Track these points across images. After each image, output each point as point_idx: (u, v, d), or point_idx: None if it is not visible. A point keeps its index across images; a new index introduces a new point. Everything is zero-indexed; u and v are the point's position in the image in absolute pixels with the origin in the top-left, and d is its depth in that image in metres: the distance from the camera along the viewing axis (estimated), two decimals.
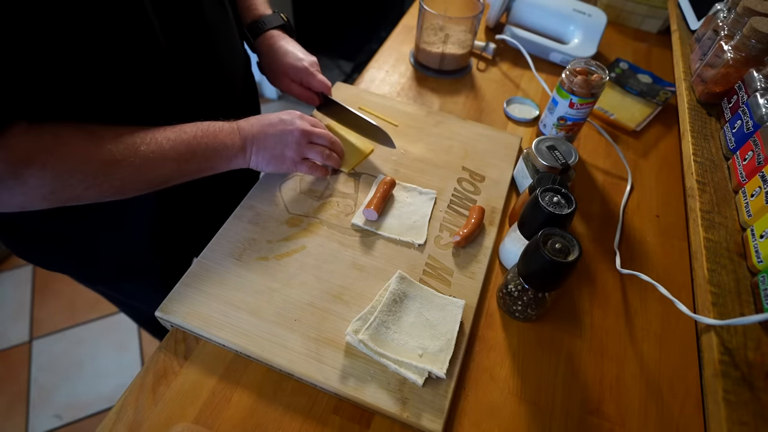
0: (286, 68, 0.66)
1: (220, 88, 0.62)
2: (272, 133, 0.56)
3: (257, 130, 0.56)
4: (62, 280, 1.49)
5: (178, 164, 0.50)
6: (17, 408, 1.24)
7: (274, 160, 0.57)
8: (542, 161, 0.60)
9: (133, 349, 1.38)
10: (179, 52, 0.52)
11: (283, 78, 0.68)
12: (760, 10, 0.67)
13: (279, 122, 0.57)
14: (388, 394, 0.45)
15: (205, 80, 0.58)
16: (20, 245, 0.62)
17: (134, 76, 0.48)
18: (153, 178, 0.49)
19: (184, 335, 0.50)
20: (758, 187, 0.55)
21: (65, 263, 0.66)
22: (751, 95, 0.63)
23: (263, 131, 0.56)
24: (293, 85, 0.68)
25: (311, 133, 0.59)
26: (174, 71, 0.52)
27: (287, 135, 0.57)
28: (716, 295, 0.50)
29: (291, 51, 0.67)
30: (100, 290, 0.81)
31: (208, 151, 0.52)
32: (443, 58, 0.85)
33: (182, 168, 0.51)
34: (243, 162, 0.56)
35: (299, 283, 0.53)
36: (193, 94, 0.56)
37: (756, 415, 0.42)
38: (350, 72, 2.10)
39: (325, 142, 0.60)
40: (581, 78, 0.65)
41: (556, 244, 0.46)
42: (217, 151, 0.53)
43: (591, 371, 0.51)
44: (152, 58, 0.49)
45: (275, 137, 0.57)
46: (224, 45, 0.60)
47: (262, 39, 0.68)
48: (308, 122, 0.60)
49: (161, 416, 0.44)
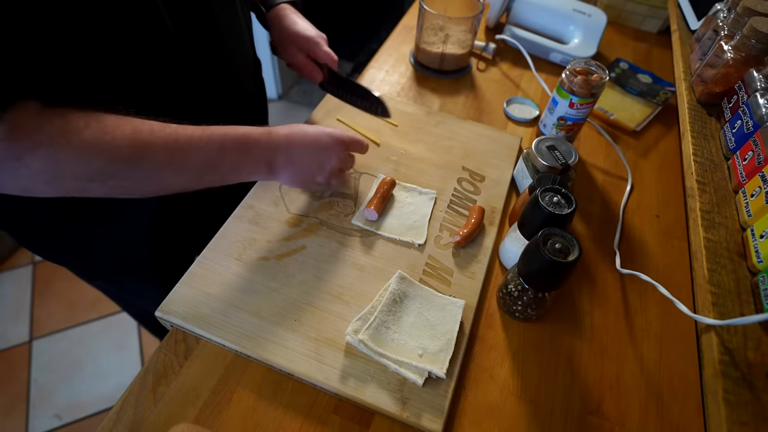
0: (294, 36, 0.66)
1: (227, 84, 0.62)
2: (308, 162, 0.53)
3: (294, 154, 0.52)
4: (62, 280, 1.49)
5: (198, 174, 0.47)
6: (17, 408, 1.24)
7: (300, 183, 0.55)
8: (542, 161, 0.60)
9: (133, 349, 1.38)
10: (187, 45, 0.52)
11: (290, 46, 0.67)
12: (760, 10, 0.67)
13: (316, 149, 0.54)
14: (388, 394, 0.45)
15: (212, 74, 0.58)
16: (22, 235, 0.63)
17: (142, 66, 0.48)
18: (167, 185, 0.46)
19: (184, 335, 0.50)
20: (758, 187, 0.55)
21: (65, 256, 0.67)
22: (751, 95, 0.63)
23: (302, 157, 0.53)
24: (299, 54, 0.67)
25: (344, 164, 0.57)
26: (182, 63, 0.52)
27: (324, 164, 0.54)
28: (716, 295, 0.50)
29: (300, 23, 0.67)
30: (100, 286, 0.81)
31: (232, 166, 0.48)
32: (443, 58, 0.85)
33: (201, 178, 0.47)
34: (267, 178, 0.53)
35: (299, 283, 0.53)
36: (199, 88, 0.56)
37: (756, 415, 0.42)
38: (350, 72, 2.10)
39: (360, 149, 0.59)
40: (581, 78, 0.65)
41: (556, 244, 0.46)
42: (243, 168, 0.49)
43: (591, 371, 0.51)
44: (161, 48, 0.49)
45: (311, 165, 0.54)
46: (232, 41, 0.60)
47: (273, 12, 0.68)
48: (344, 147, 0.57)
49: (161, 416, 0.44)
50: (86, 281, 0.78)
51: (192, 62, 0.54)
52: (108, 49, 0.43)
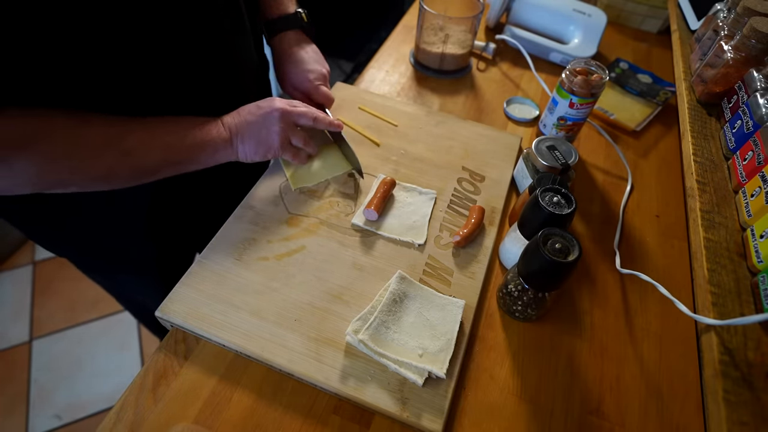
0: (292, 77, 0.67)
1: (229, 88, 0.61)
2: (253, 120, 0.55)
3: (239, 120, 0.55)
4: (62, 280, 1.49)
5: (164, 154, 0.50)
6: (17, 408, 1.24)
7: (260, 145, 0.56)
8: (542, 161, 0.60)
9: (133, 349, 1.38)
10: (189, 47, 0.52)
11: (287, 86, 0.68)
12: (760, 10, 0.67)
13: (257, 108, 0.56)
14: (388, 394, 0.45)
15: (213, 78, 0.58)
16: (25, 226, 0.63)
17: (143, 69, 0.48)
18: (140, 167, 0.49)
19: (184, 335, 0.50)
20: (758, 187, 0.55)
21: (65, 248, 0.67)
22: (751, 95, 0.63)
23: (244, 119, 0.55)
24: (296, 93, 0.68)
25: (293, 112, 0.57)
26: (183, 66, 0.52)
27: (269, 117, 0.56)
28: (716, 295, 0.50)
29: (303, 59, 0.67)
30: (100, 282, 0.81)
31: (195, 141, 0.52)
32: (443, 58, 0.85)
33: (168, 158, 0.51)
34: (231, 153, 0.55)
35: (299, 283, 0.53)
36: (200, 91, 0.56)
37: (756, 415, 0.42)
38: (350, 72, 2.10)
39: (308, 121, 0.59)
40: (581, 78, 0.65)
41: (556, 244, 0.46)
42: (204, 142, 0.52)
43: (591, 371, 0.51)
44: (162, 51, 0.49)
45: (258, 122, 0.56)
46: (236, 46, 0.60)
47: (277, 40, 0.68)
48: (287, 103, 0.58)
49: (161, 416, 0.44)
50: (88, 276, 0.78)
51: (193, 64, 0.54)
52: (107, 54, 0.44)
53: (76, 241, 0.66)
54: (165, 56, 0.49)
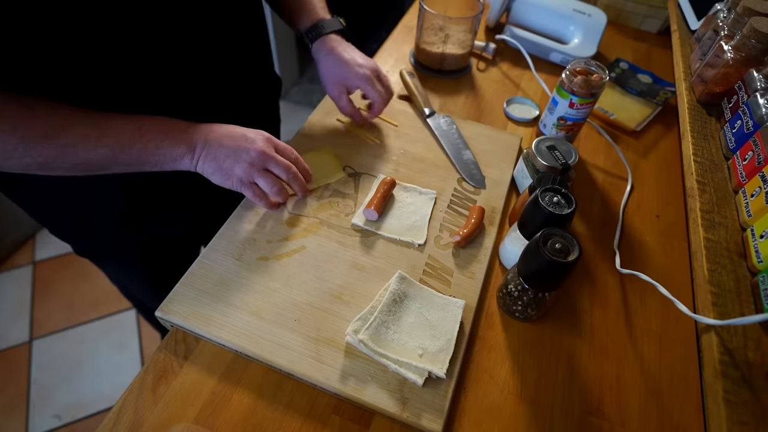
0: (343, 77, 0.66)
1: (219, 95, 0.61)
2: (228, 146, 0.52)
3: (213, 138, 0.52)
4: (62, 280, 1.49)
5: (113, 152, 0.48)
6: (17, 408, 1.24)
7: (219, 172, 0.53)
8: (542, 161, 0.60)
9: (133, 349, 1.38)
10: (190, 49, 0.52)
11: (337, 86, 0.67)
12: (760, 10, 0.67)
13: (240, 137, 0.53)
14: (388, 394, 0.45)
15: (215, 81, 0.58)
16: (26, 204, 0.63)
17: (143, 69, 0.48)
18: (82, 161, 0.47)
19: (184, 335, 0.50)
20: (758, 187, 0.55)
21: (61, 230, 0.67)
22: (751, 95, 0.63)
23: (219, 141, 0.52)
24: (344, 96, 0.67)
25: (270, 158, 0.54)
26: (184, 67, 0.52)
27: (242, 152, 0.52)
28: (716, 295, 0.50)
29: (350, 58, 0.66)
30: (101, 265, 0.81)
31: (150, 145, 0.49)
32: (443, 58, 0.85)
33: (117, 157, 0.48)
34: (189, 165, 0.52)
35: (299, 283, 0.53)
36: (201, 93, 0.56)
37: (756, 415, 0.42)
38: None
39: (282, 173, 0.55)
40: (581, 78, 0.65)
41: (556, 244, 0.46)
42: (161, 149, 0.50)
43: (591, 371, 0.51)
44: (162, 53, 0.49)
45: (229, 151, 0.52)
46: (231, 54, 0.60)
47: (320, 43, 0.67)
48: (273, 146, 0.55)
49: (161, 416, 0.44)
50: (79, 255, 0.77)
51: (194, 65, 0.54)
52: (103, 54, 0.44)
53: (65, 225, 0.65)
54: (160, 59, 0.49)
